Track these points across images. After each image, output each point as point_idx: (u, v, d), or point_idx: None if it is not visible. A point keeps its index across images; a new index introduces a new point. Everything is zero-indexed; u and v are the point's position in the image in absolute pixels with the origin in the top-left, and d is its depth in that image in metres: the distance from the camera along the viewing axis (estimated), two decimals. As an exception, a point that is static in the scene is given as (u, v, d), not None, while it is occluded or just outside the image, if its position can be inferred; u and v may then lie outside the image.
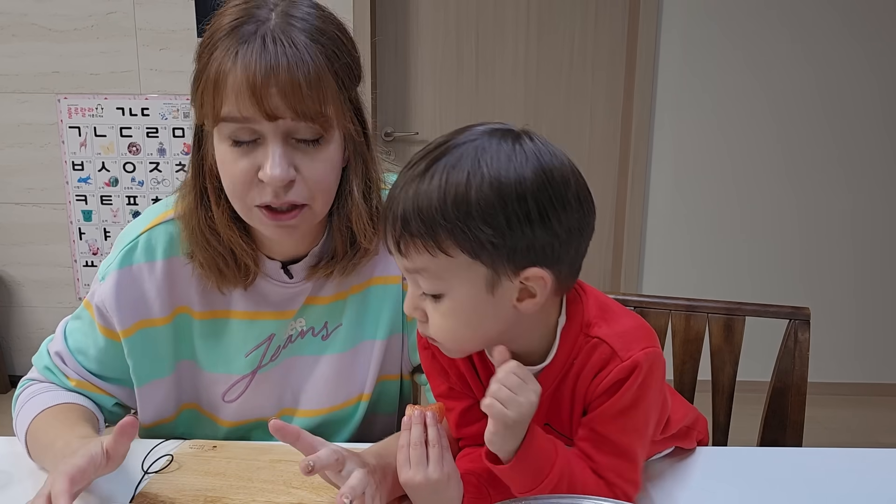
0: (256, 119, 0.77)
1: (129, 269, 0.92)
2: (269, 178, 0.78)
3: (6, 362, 2.89)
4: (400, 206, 0.65)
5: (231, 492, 0.81)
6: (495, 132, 0.67)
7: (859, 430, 2.64)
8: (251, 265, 0.90)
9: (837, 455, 0.93)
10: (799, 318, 1.15)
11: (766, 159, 2.76)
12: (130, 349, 0.93)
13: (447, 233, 0.63)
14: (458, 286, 0.66)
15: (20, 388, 0.96)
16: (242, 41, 0.76)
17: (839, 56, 2.66)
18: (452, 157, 0.64)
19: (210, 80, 0.77)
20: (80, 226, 2.78)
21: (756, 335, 1.50)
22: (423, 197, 0.64)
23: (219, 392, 0.97)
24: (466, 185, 0.63)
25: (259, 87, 0.75)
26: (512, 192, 0.63)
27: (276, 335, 0.95)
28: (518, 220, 0.63)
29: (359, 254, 0.91)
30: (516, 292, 0.67)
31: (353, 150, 0.87)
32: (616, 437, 0.72)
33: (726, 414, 1.20)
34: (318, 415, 0.98)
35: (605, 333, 0.71)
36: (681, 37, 2.65)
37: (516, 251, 0.64)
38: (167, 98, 2.66)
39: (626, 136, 2.78)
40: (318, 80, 0.77)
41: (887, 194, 2.79)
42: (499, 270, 0.65)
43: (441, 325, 0.69)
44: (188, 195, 0.89)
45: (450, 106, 2.81)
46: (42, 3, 2.57)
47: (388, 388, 1.01)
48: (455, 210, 0.63)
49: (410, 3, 2.72)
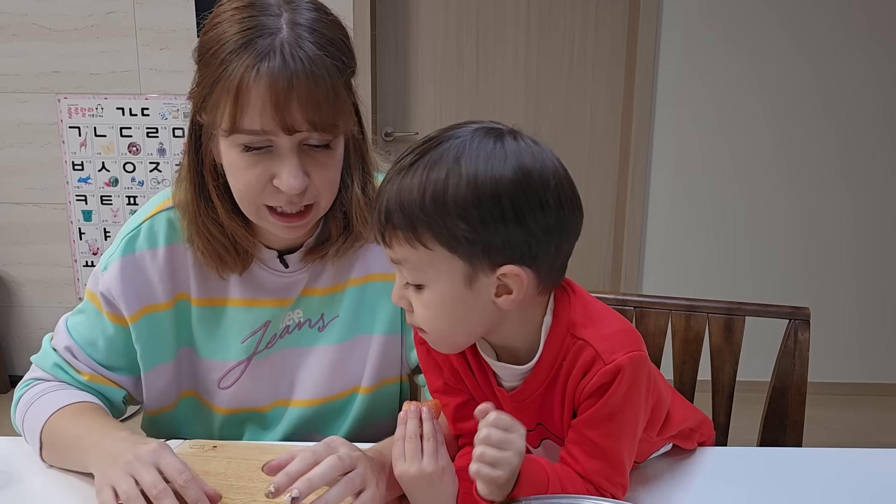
0: (276, 133, 0.79)
1: (132, 256, 0.93)
2: (288, 188, 0.81)
3: (6, 362, 2.89)
4: (385, 198, 0.68)
5: (231, 492, 0.81)
6: (480, 130, 0.68)
7: (859, 430, 2.64)
8: (251, 251, 0.93)
9: (837, 455, 0.93)
10: (799, 318, 1.15)
11: (766, 159, 2.76)
12: (138, 335, 0.94)
13: (425, 226, 0.66)
14: (438, 278, 0.68)
15: (23, 387, 0.96)
16: (262, 56, 0.77)
17: (839, 55, 2.66)
18: (436, 153, 0.67)
19: (230, 91, 0.78)
20: (80, 226, 2.78)
21: (756, 335, 1.50)
22: (406, 191, 0.66)
23: (215, 378, 0.98)
24: (445, 182, 0.65)
25: (282, 103, 0.77)
26: (487, 191, 0.65)
27: (271, 322, 0.96)
28: (493, 217, 0.65)
29: (351, 238, 0.94)
30: (494, 288, 0.69)
31: (353, 146, 0.91)
32: (602, 441, 0.72)
33: (726, 414, 1.20)
34: (312, 405, 0.99)
35: (590, 335, 0.72)
36: (681, 36, 2.65)
37: (491, 248, 0.66)
38: (167, 98, 2.66)
39: (627, 135, 2.78)
40: (334, 94, 0.80)
41: (887, 193, 2.79)
42: (475, 266, 0.67)
43: (424, 316, 0.71)
44: (184, 183, 0.90)
45: (450, 106, 2.81)
46: (42, 3, 2.57)
47: (387, 391, 1.02)
48: (433, 205, 0.65)
49: (410, 3, 2.72)
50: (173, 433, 1.02)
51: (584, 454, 0.73)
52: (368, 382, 0.99)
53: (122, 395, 0.98)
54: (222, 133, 0.81)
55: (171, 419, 1.00)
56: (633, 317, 1.21)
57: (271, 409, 1.00)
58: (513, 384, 0.77)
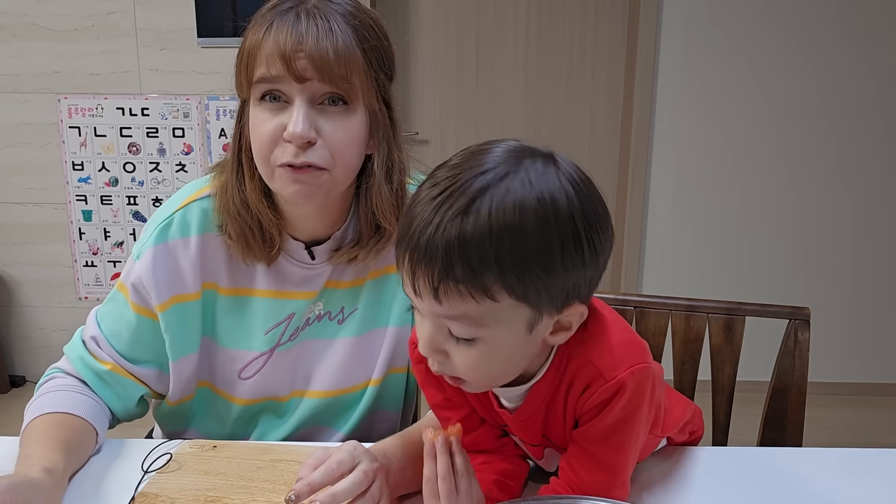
0: (286, 80, 0.81)
1: (164, 244, 0.94)
2: (291, 134, 0.82)
3: (6, 362, 2.89)
4: (440, 248, 0.57)
5: (231, 492, 0.81)
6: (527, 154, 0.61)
7: (859, 430, 2.64)
8: (276, 238, 0.93)
9: (837, 455, 0.93)
10: (799, 317, 1.15)
11: (766, 159, 2.76)
12: (167, 325, 0.94)
13: (495, 277, 0.57)
14: (497, 329, 0.61)
15: (46, 375, 0.97)
16: (279, 15, 0.82)
17: (839, 56, 2.66)
18: (497, 191, 0.57)
19: (246, 50, 0.84)
20: (80, 226, 2.78)
21: (756, 335, 1.50)
22: (471, 238, 0.56)
23: (236, 368, 0.98)
24: (521, 226, 0.57)
25: (289, 52, 0.80)
26: (568, 232, 0.59)
27: (295, 314, 0.97)
28: (573, 261, 0.60)
29: (383, 239, 0.94)
30: (551, 327, 0.64)
31: (380, 135, 0.90)
32: (604, 456, 0.70)
33: (726, 414, 1.20)
34: (326, 396, 1.00)
35: (590, 351, 0.68)
36: (681, 37, 2.65)
37: (566, 290, 0.61)
38: (167, 98, 2.66)
39: (626, 135, 2.78)
40: (345, 50, 0.82)
41: (887, 194, 2.79)
42: (542, 311, 0.61)
43: (467, 366, 0.64)
44: (227, 169, 0.93)
45: (450, 106, 2.81)
46: (42, 3, 2.57)
47: (394, 381, 1.02)
48: (511, 255, 0.57)
49: (410, 3, 2.72)
50: (187, 424, 1.03)
51: (585, 469, 0.71)
52: (379, 374, 1.00)
53: (139, 393, 0.98)
54: (244, 92, 0.86)
55: (187, 410, 1.01)
56: (633, 317, 1.21)
57: (289, 400, 1.01)
58: (513, 405, 0.74)
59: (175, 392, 0.98)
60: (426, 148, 2.82)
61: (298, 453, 0.89)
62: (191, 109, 2.67)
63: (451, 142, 2.84)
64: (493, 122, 2.82)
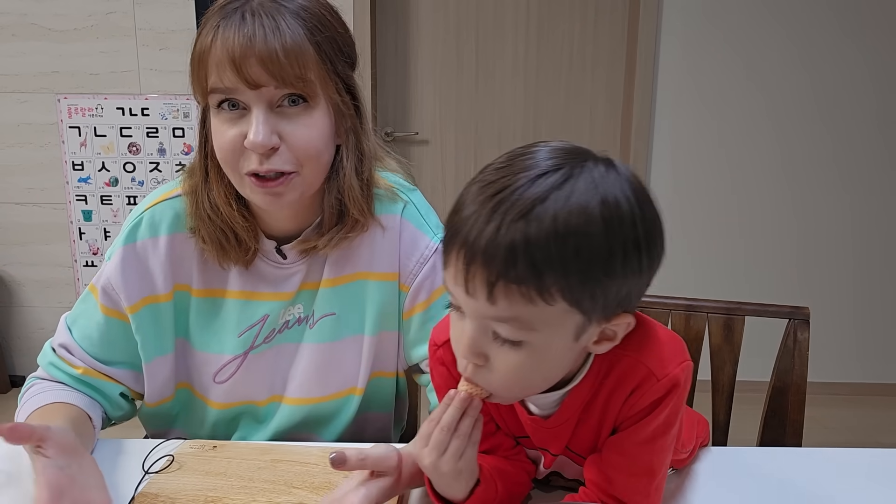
0: (240, 88, 0.80)
1: (133, 245, 0.93)
2: (252, 144, 0.81)
3: (6, 362, 2.89)
4: (502, 248, 0.55)
5: (231, 492, 0.81)
6: (589, 157, 0.59)
7: (859, 430, 2.64)
8: (251, 242, 0.92)
9: (837, 455, 0.93)
10: (798, 317, 1.15)
11: (765, 159, 2.76)
12: (138, 326, 0.93)
13: (554, 279, 0.55)
14: (545, 333, 0.59)
15: (25, 386, 0.96)
16: (224, 18, 0.80)
17: (837, 57, 2.66)
18: (562, 192, 0.56)
19: (195, 56, 0.82)
20: (80, 226, 2.78)
21: (756, 335, 1.50)
22: (536, 238, 0.54)
23: (210, 372, 0.97)
24: (585, 229, 0.55)
25: (238, 57, 0.78)
26: (629, 237, 0.57)
27: (269, 316, 0.96)
28: (631, 267, 0.58)
29: (346, 227, 0.91)
30: (596, 336, 0.62)
31: (346, 126, 0.89)
32: (650, 458, 0.68)
33: (726, 414, 1.20)
34: (306, 403, 0.98)
35: (636, 349, 0.66)
36: (681, 37, 2.65)
37: (618, 298, 0.59)
38: (167, 98, 2.66)
39: (626, 136, 2.78)
40: (295, 47, 0.80)
41: (886, 194, 2.79)
42: (591, 318, 0.59)
43: (508, 371, 0.61)
44: (195, 173, 0.91)
45: (450, 106, 2.81)
46: (42, 3, 2.57)
47: (382, 385, 1.01)
48: (576, 256, 0.55)
49: (410, 4, 2.72)
50: (170, 425, 1.02)
51: (624, 474, 0.68)
52: (362, 383, 0.98)
53: (118, 391, 0.97)
54: (201, 100, 0.84)
55: (168, 411, 1.00)
56: (633, 317, 1.20)
57: (267, 405, 0.99)
58: (545, 412, 0.71)
59: (152, 394, 0.98)
60: (426, 148, 2.82)
61: (299, 453, 0.89)
62: (191, 109, 2.67)
63: (451, 142, 2.84)
64: (492, 122, 2.82)
